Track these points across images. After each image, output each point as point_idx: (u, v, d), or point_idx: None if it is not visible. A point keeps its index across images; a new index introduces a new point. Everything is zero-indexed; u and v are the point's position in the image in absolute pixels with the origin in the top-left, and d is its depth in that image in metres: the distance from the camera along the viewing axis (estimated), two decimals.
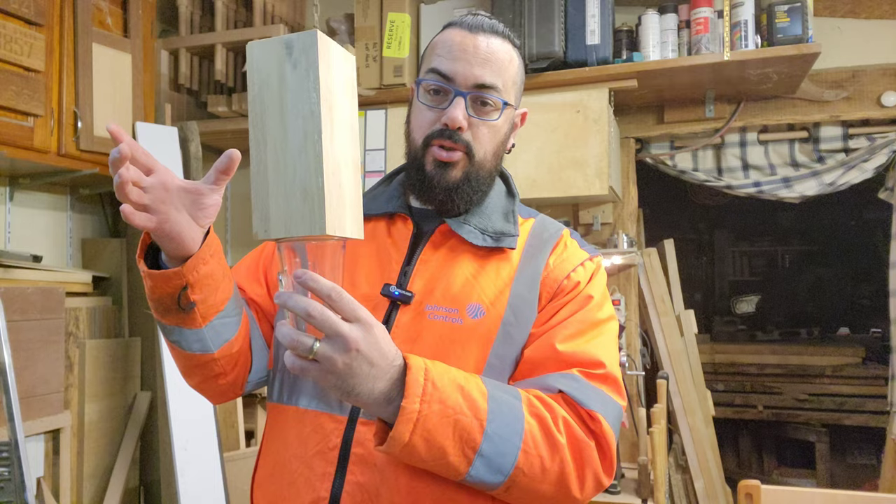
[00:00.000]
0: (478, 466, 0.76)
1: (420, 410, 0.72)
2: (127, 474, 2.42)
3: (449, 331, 0.88)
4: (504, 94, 0.94)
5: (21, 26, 2.02)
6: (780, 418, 3.81)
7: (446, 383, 0.75)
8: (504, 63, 0.94)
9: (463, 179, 0.93)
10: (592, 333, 0.90)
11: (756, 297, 5.24)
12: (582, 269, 0.95)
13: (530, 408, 0.80)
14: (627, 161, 2.50)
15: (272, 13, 2.60)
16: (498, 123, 0.94)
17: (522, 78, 1.00)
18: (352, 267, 0.95)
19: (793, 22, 2.02)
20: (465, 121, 0.91)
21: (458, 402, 0.75)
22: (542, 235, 0.98)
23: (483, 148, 0.94)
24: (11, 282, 2.11)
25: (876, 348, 3.87)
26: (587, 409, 0.82)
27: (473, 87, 0.92)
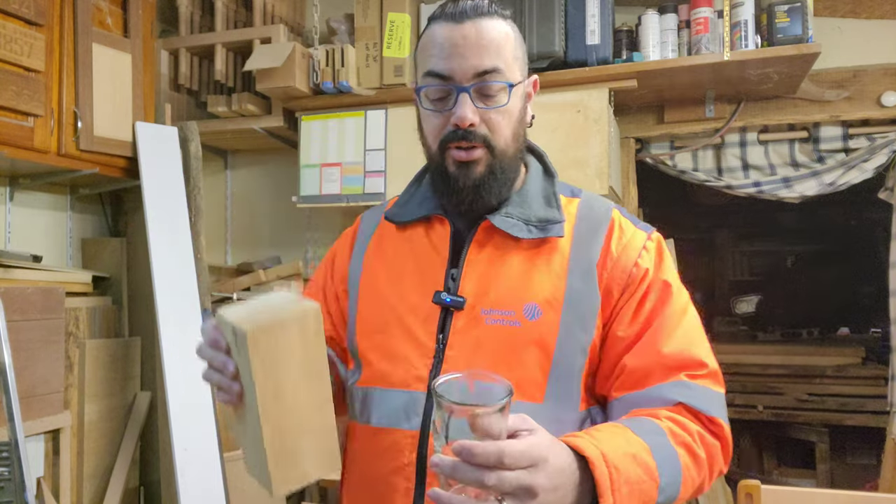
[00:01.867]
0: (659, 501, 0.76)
1: (615, 501, 0.70)
2: (127, 474, 2.42)
3: (508, 335, 0.86)
4: (508, 74, 0.89)
5: (21, 26, 2.02)
6: (780, 418, 3.81)
7: (623, 460, 0.72)
8: (499, 41, 0.88)
9: (487, 174, 0.89)
10: (685, 326, 0.88)
11: (757, 297, 5.23)
12: (646, 253, 0.91)
13: (674, 437, 0.80)
14: (627, 161, 2.50)
15: (272, 13, 2.60)
16: (509, 106, 0.89)
17: (524, 48, 0.95)
18: (396, 276, 0.95)
19: (793, 22, 2.02)
20: (475, 116, 0.87)
21: (638, 475, 0.74)
22: (592, 218, 0.93)
23: (501, 136, 0.89)
24: (11, 282, 2.11)
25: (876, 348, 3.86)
26: (708, 416, 0.83)
27: (474, 78, 0.87)
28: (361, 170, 2.38)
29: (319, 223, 2.83)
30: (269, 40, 2.44)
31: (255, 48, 2.42)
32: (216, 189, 2.96)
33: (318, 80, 2.37)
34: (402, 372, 0.89)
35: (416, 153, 0.99)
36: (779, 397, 3.82)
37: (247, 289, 2.63)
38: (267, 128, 2.55)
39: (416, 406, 0.87)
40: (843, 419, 3.72)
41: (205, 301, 2.39)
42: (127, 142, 2.38)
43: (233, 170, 2.98)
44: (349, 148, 2.41)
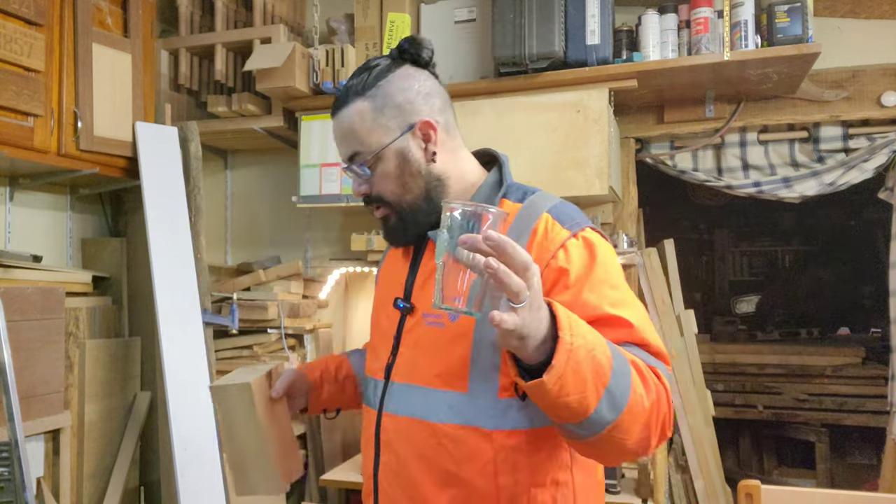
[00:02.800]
0: (603, 403, 0.80)
1: (572, 342, 0.77)
2: (127, 474, 2.42)
3: (437, 335, 1.01)
4: (366, 151, 1.03)
5: (21, 26, 2.02)
6: (780, 418, 3.81)
7: (580, 322, 0.81)
8: (352, 126, 1.03)
9: (397, 222, 1.07)
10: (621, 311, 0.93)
11: (756, 297, 5.23)
12: (563, 253, 0.95)
13: (625, 353, 0.86)
14: (627, 161, 2.50)
15: (272, 13, 2.60)
16: (381, 171, 1.03)
17: (387, 108, 1.02)
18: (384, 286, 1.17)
19: (793, 22, 2.02)
20: (361, 187, 1.06)
21: (594, 339, 0.80)
22: (523, 222, 0.99)
23: (387, 193, 1.04)
24: (11, 282, 2.11)
25: (876, 348, 3.86)
26: (649, 365, 0.89)
27: (348, 162, 1.06)
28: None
29: (319, 223, 2.83)
30: (269, 40, 2.44)
31: (255, 48, 2.42)
32: (216, 189, 2.96)
33: (318, 80, 2.37)
34: (375, 364, 1.12)
35: None
36: (778, 397, 3.83)
37: (247, 289, 2.63)
38: (267, 128, 2.56)
39: (377, 390, 1.08)
40: (842, 419, 3.72)
41: (205, 301, 2.39)
42: (127, 142, 2.38)
43: (233, 170, 2.98)
44: None
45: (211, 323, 2.42)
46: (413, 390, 1.01)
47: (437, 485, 0.98)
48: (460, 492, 0.96)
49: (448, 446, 0.97)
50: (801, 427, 3.82)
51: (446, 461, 0.97)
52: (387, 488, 1.04)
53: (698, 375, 2.70)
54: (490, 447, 0.95)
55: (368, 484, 1.09)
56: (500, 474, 0.95)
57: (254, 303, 2.54)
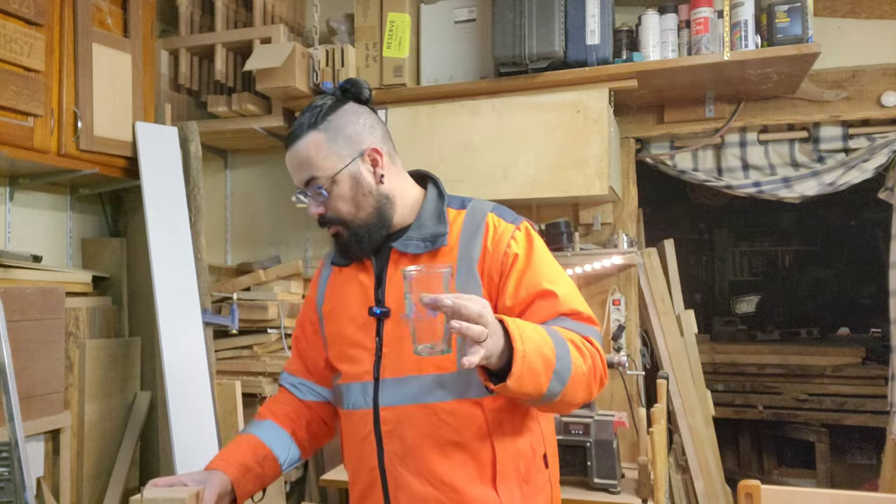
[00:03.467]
0: (552, 382, 1.01)
1: (524, 349, 0.96)
2: (127, 474, 2.42)
3: None
4: (321, 176, 1.15)
5: (21, 26, 2.02)
6: (780, 418, 3.81)
7: (527, 328, 0.99)
8: (307, 154, 1.16)
9: (351, 238, 1.19)
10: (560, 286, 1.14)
11: (756, 297, 5.23)
12: (514, 242, 1.16)
13: (563, 333, 1.06)
14: (627, 161, 2.50)
15: (272, 13, 2.60)
16: (336, 193, 1.16)
17: (340, 136, 1.17)
18: (343, 303, 1.25)
19: (793, 22, 2.02)
20: (318, 208, 1.18)
21: (539, 338, 1.00)
22: (472, 224, 1.19)
23: (343, 213, 1.17)
24: (11, 282, 2.11)
25: (876, 348, 3.86)
26: (584, 336, 1.10)
27: (304, 186, 1.18)
28: None
29: None
30: (269, 40, 2.44)
31: (255, 48, 2.42)
32: (216, 189, 2.96)
33: (318, 80, 2.37)
34: (356, 369, 1.21)
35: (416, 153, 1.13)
36: (778, 397, 3.83)
37: (247, 289, 2.63)
38: (267, 128, 2.56)
39: (368, 391, 1.19)
40: (842, 419, 3.72)
41: (205, 301, 2.39)
42: (127, 142, 2.38)
43: (233, 170, 2.98)
44: None
45: (211, 323, 2.42)
46: (407, 381, 1.15)
47: (443, 455, 1.13)
48: (463, 455, 1.13)
49: (448, 420, 1.13)
50: (801, 427, 3.82)
51: (448, 432, 1.13)
52: (396, 473, 1.16)
53: (698, 375, 2.70)
54: (481, 412, 1.13)
55: (371, 476, 1.19)
56: (493, 433, 1.14)
57: (254, 303, 2.54)
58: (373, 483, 1.19)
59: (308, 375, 1.36)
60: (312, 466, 2.63)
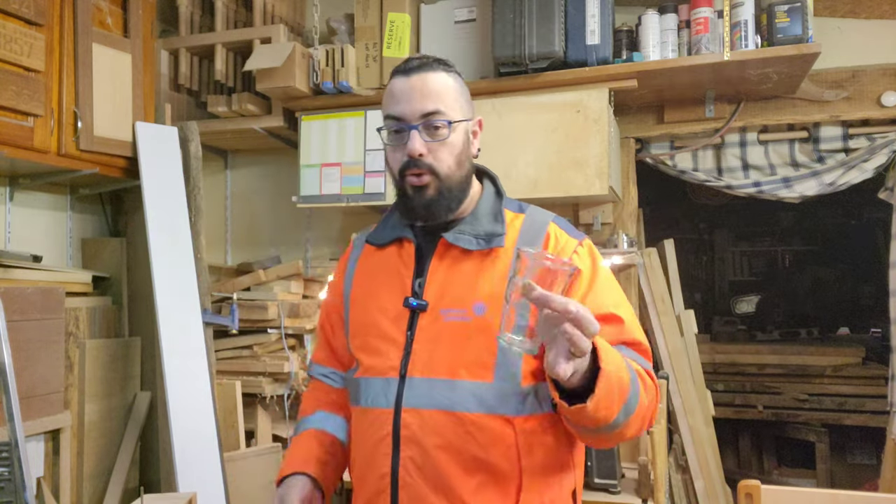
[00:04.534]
0: (621, 411, 0.94)
1: (608, 371, 0.89)
2: (127, 474, 2.42)
3: (461, 328, 1.06)
4: (448, 114, 1.09)
5: (21, 26, 2.02)
6: (780, 418, 3.81)
7: (609, 348, 0.93)
8: (440, 89, 1.10)
9: (436, 195, 1.09)
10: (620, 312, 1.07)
11: (756, 297, 5.23)
12: (577, 257, 1.10)
13: (630, 362, 1.00)
14: (627, 161, 2.50)
15: (272, 13, 2.60)
16: (451, 140, 1.09)
17: (465, 93, 1.15)
18: (375, 288, 1.16)
19: (793, 22, 2.02)
20: (422, 147, 1.07)
21: (619, 361, 0.94)
22: (532, 230, 1.12)
23: (445, 164, 1.09)
24: (11, 282, 2.11)
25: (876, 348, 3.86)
26: (647, 370, 1.04)
27: (420, 118, 1.08)
28: (361, 170, 2.38)
29: (319, 223, 2.83)
30: (269, 40, 2.44)
31: (255, 48, 2.42)
32: (216, 189, 2.96)
33: (318, 80, 2.37)
34: (380, 363, 1.11)
35: None
36: (778, 397, 3.82)
37: (247, 289, 2.63)
38: (267, 128, 2.56)
39: (391, 389, 1.08)
40: (842, 419, 3.72)
41: (205, 301, 2.39)
42: (127, 142, 2.38)
43: (233, 170, 2.98)
44: (349, 148, 2.41)
45: (211, 323, 2.42)
46: (437, 383, 1.05)
47: (465, 472, 1.03)
48: (487, 476, 1.03)
49: (475, 434, 1.03)
50: (801, 427, 3.81)
51: (474, 448, 1.03)
52: (410, 482, 1.06)
53: (698, 375, 2.70)
54: (512, 432, 1.03)
55: (380, 484, 1.08)
56: (522, 456, 1.04)
57: (254, 303, 2.54)
58: (381, 491, 1.09)
59: (338, 365, 1.29)
60: None
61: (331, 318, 1.28)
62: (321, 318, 1.33)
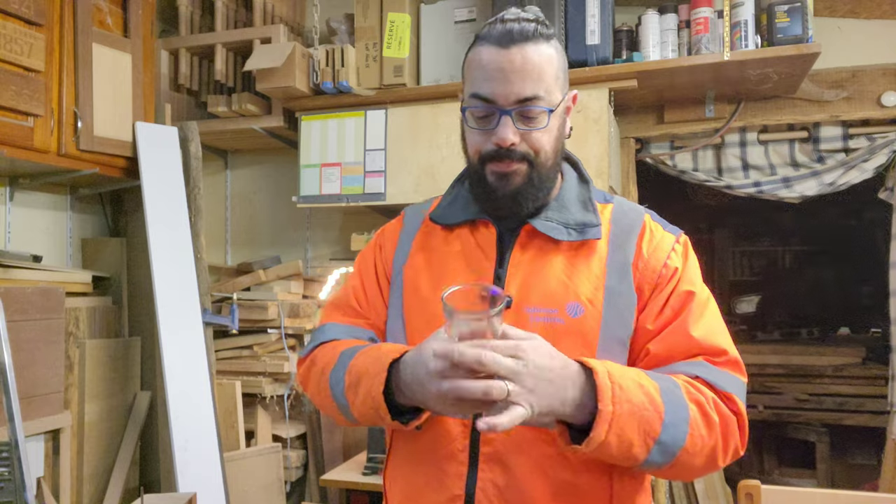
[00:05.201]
0: (654, 453, 0.82)
1: (614, 412, 0.79)
2: (127, 474, 2.42)
3: (552, 331, 0.90)
4: (548, 99, 0.93)
5: (21, 26, 2.02)
6: (780, 418, 3.81)
7: (628, 383, 0.81)
8: (541, 68, 0.92)
9: (525, 184, 0.94)
10: (707, 317, 0.94)
11: (756, 296, 5.23)
12: (675, 254, 0.98)
13: (688, 394, 0.86)
14: (627, 161, 2.50)
15: (272, 13, 2.60)
16: (549, 127, 0.94)
17: (565, 66, 0.98)
18: (443, 274, 0.99)
19: (793, 22, 2.02)
20: (515, 136, 0.92)
21: (641, 400, 0.81)
22: (625, 222, 0.99)
23: (542, 153, 0.94)
24: (11, 282, 2.11)
25: (876, 348, 3.86)
26: (725, 392, 0.90)
27: (516, 104, 0.91)
28: (361, 170, 2.38)
29: (319, 223, 2.83)
30: (269, 40, 2.44)
31: (255, 48, 2.42)
32: (216, 189, 2.96)
33: (318, 80, 2.37)
34: None
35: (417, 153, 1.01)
36: (779, 397, 3.82)
37: (247, 289, 2.63)
38: (267, 128, 2.56)
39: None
40: (842, 419, 3.71)
41: (205, 301, 2.39)
42: (127, 142, 2.38)
43: (233, 170, 2.98)
44: (349, 148, 2.41)
45: (211, 323, 2.42)
46: None
47: (552, 497, 0.90)
48: (576, 501, 0.91)
49: (568, 455, 0.88)
50: (801, 427, 3.81)
51: (565, 471, 0.90)
52: None
53: None
54: None
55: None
56: (614, 481, 0.92)
57: (254, 303, 2.54)
58: None
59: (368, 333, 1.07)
60: (312, 466, 2.63)
61: (367, 292, 1.08)
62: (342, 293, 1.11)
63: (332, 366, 0.98)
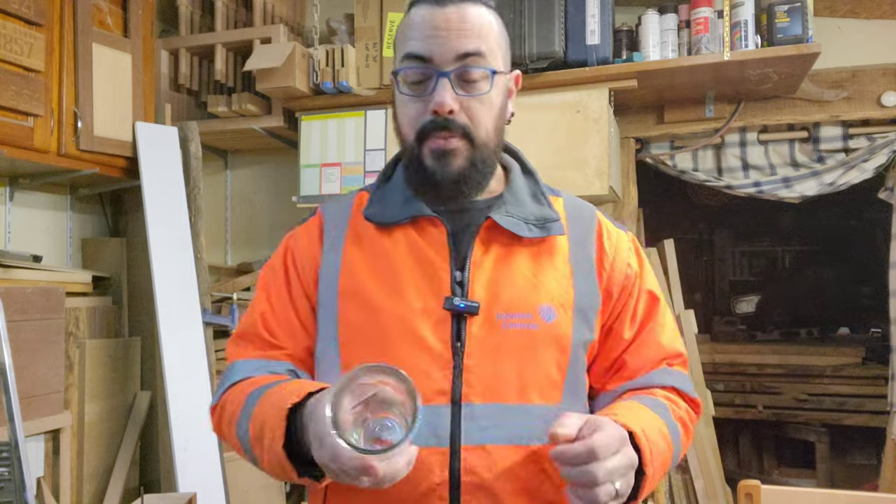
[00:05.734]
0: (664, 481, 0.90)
1: (653, 473, 0.78)
2: (127, 474, 2.42)
3: (528, 338, 0.84)
4: (491, 61, 0.85)
5: (21, 26, 2.02)
6: (780, 418, 3.80)
7: (655, 436, 0.80)
8: (482, 26, 0.85)
9: (468, 167, 0.85)
10: (669, 321, 0.96)
11: (756, 297, 5.23)
12: (632, 254, 0.95)
13: (674, 413, 0.88)
14: (627, 161, 2.50)
15: (272, 13, 2.60)
16: (491, 95, 0.85)
17: (507, 40, 0.91)
18: (390, 280, 0.86)
19: (793, 22, 2.02)
20: (454, 102, 0.82)
21: (664, 450, 0.82)
22: (581, 218, 0.94)
23: (483, 126, 0.85)
24: (11, 282, 2.11)
25: (876, 348, 3.85)
26: (691, 398, 0.94)
27: (455, 62, 0.83)
28: (361, 170, 2.38)
29: None
30: (269, 40, 2.44)
31: (255, 48, 2.42)
32: (216, 189, 2.96)
33: (318, 80, 2.37)
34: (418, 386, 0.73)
35: None
36: (778, 397, 3.82)
37: (247, 289, 2.63)
38: (267, 128, 2.56)
39: (441, 420, 0.81)
40: (842, 419, 3.72)
41: (205, 301, 2.39)
42: (127, 142, 2.38)
43: (233, 170, 2.98)
44: (349, 148, 2.41)
45: (211, 323, 2.42)
46: (508, 410, 0.82)
47: None
48: None
49: (550, 471, 0.81)
50: (801, 427, 3.81)
51: (549, 490, 0.82)
52: None
53: (698, 375, 2.70)
54: None
55: None
56: None
57: None
58: None
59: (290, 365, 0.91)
60: None
61: (279, 316, 0.92)
62: (249, 323, 0.93)
63: (237, 414, 0.83)
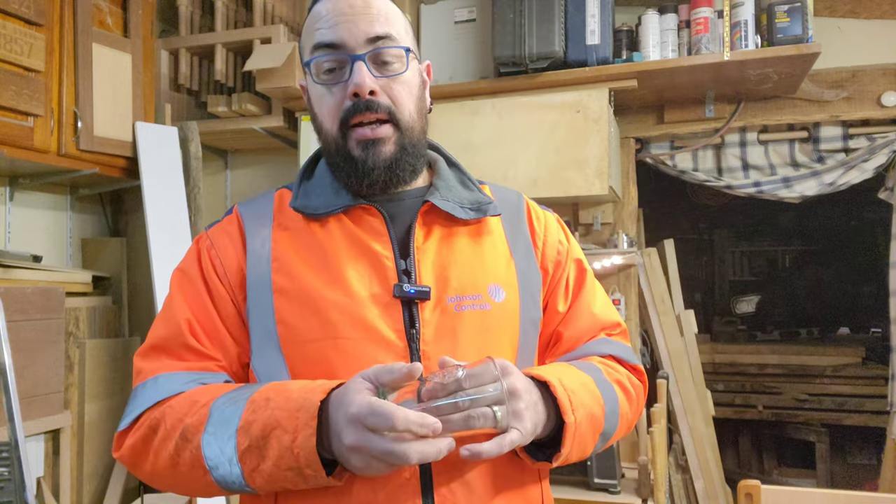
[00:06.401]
0: (598, 444, 0.85)
1: (576, 421, 0.77)
2: (127, 474, 2.42)
3: (482, 320, 0.84)
4: (402, 41, 0.85)
5: (21, 26, 2.02)
6: (780, 418, 3.81)
7: (574, 386, 0.80)
8: (389, 12, 0.85)
9: (398, 151, 0.84)
10: (599, 293, 0.99)
11: (756, 297, 5.23)
12: (561, 231, 0.99)
13: (609, 375, 0.89)
14: (627, 161, 2.50)
15: (272, 13, 2.59)
16: (408, 76, 0.85)
17: (412, 32, 0.91)
18: (329, 272, 0.83)
19: (793, 22, 2.02)
20: (374, 83, 0.81)
21: (589, 400, 0.81)
22: (509, 201, 0.97)
23: (405, 107, 0.84)
24: (11, 282, 2.11)
25: (876, 348, 3.86)
26: (632, 364, 0.95)
27: (367, 45, 0.82)
28: None
29: None
30: (269, 40, 2.44)
31: (255, 48, 2.42)
32: (216, 189, 2.96)
33: None
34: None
35: None
36: (778, 397, 3.83)
37: None
38: (267, 128, 2.56)
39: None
40: (842, 419, 3.72)
41: None
42: (127, 142, 2.38)
43: (233, 170, 2.98)
44: None
45: None
46: None
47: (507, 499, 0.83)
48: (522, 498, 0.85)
49: (511, 454, 0.80)
50: (801, 427, 3.81)
51: (520, 473, 0.84)
52: None
53: (698, 375, 2.70)
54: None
55: None
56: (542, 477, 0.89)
57: None
58: None
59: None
60: None
61: (203, 323, 0.87)
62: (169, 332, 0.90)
63: (200, 427, 0.75)
